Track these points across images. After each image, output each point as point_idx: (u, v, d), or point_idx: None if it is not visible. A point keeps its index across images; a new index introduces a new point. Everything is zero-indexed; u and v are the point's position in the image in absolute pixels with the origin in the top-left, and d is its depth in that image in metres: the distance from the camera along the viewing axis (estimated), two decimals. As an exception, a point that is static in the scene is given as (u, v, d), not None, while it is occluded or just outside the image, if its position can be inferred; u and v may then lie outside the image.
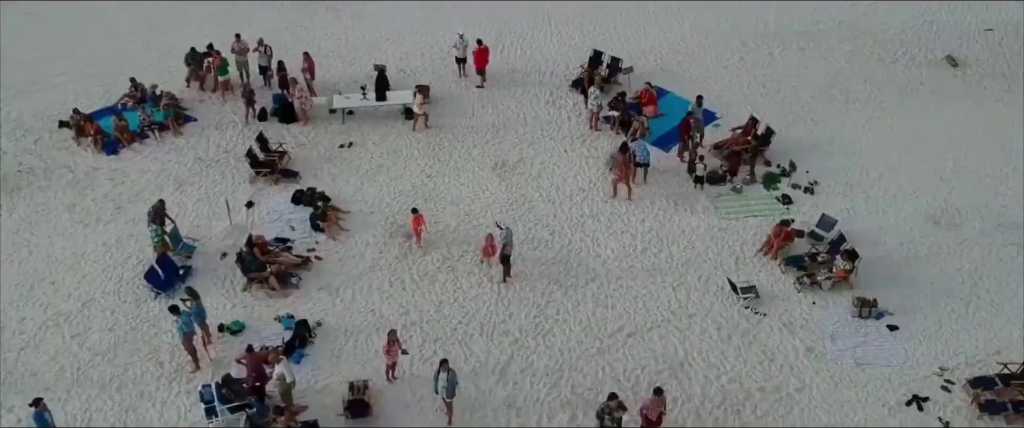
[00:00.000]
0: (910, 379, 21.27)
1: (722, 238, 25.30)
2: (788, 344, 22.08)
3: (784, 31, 34.77)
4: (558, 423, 20.19)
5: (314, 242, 25.05)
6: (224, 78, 30.67)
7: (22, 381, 21.23)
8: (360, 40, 34.39)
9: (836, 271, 23.57)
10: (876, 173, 27.81)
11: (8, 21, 35.64)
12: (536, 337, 22.30)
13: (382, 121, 29.86)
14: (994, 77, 32.46)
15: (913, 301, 23.28)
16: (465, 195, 26.85)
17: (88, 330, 22.51)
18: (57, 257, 24.76)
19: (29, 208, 26.51)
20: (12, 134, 29.50)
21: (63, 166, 28.11)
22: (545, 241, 25.16)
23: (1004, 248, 24.97)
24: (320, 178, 27.37)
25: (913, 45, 34.11)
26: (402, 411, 20.34)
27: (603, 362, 21.62)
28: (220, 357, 21.58)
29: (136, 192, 26.86)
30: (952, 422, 20.23)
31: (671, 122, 29.15)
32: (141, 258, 24.41)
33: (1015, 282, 23.86)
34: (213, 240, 25.10)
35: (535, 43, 34.12)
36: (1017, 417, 20.11)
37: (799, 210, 26.17)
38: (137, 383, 21.11)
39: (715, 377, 21.26)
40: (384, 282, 23.87)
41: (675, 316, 22.89)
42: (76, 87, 31.62)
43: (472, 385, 20.93)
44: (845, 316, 22.81)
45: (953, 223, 25.89)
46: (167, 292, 23.26)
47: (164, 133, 29.13)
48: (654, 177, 27.25)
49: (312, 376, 21.13)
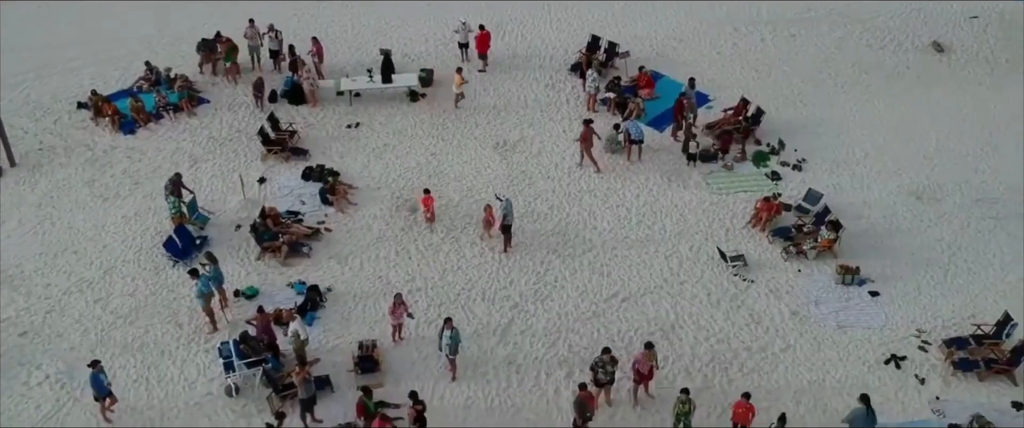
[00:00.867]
0: (889, 340, 22.46)
1: (713, 211, 26.49)
2: (774, 308, 23.28)
3: (776, 18, 35.94)
4: (555, 379, 21.37)
5: (324, 215, 26.25)
6: (229, 64, 31.82)
7: (49, 341, 22.44)
8: (366, 25, 35.57)
9: (821, 241, 24.76)
10: (862, 152, 28.99)
11: (24, 8, 36.83)
12: (535, 302, 23.50)
13: (388, 102, 31.07)
14: (977, 62, 33.63)
15: (894, 269, 24.48)
16: (468, 172, 28.03)
17: (110, 295, 23.71)
18: (79, 229, 25.96)
19: (50, 183, 27.70)
20: (32, 115, 30.67)
21: (82, 145, 29.29)
22: (544, 214, 26.35)
23: (982, 221, 26.16)
24: (329, 156, 28.56)
25: (901, 32, 35.27)
26: (408, 368, 21.53)
27: (598, 325, 22.82)
28: (236, 319, 22.77)
29: (153, 169, 28.04)
30: (927, 379, 21.40)
31: (666, 104, 30.33)
32: (159, 229, 25.61)
33: (991, 251, 25.07)
34: (227, 213, 26.30)
35: (535, 29, 35.30)
36: (987, 373, 21.30)
37: (787, 186, 27.35)
38: (158, 343, 22.31)
39: (704, 338, 22.46)
40: (391, 252, 25.06)
41: (667, 283, 24.09)
42: (92, 70, 32.81)
43: (475, 345, 22.13)
44: (829, 283, 24.01)
45: (934, 198, 27.08)
46: (184, 260, 24.45)
47: (178, 114, 30.31)
48: (649, 155, 28.44)
49: (323, 337, 22.32)
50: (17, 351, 22.12)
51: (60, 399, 20.98)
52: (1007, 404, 20.79)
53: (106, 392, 20.03)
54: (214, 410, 20.67)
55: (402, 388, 20.62)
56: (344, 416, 20.17)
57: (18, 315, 23.15)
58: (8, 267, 24.59)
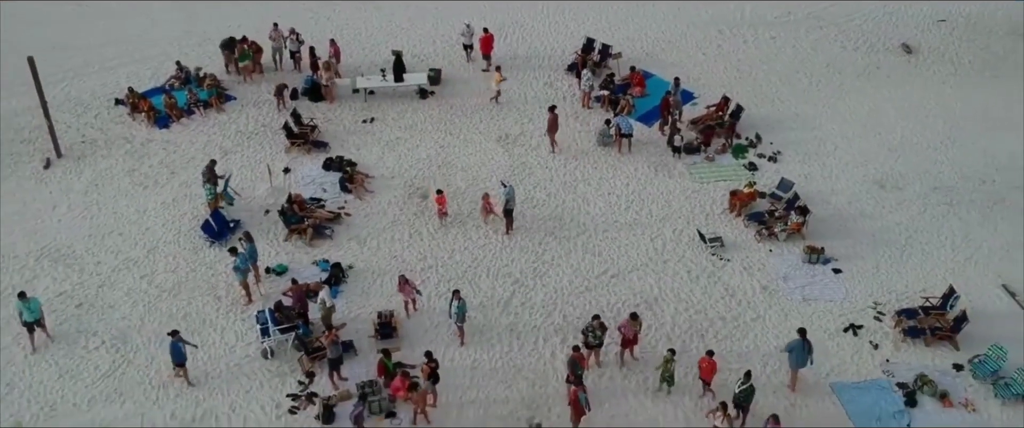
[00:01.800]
0: (848, 311, 25.29)
1: (695, 199, 29.32)
2: (747, 284, 26.11)
3: (758, 21, 38.78)
4: (552, 345, 24.21)
5: (343, 201, 29.06)
6: (244, 64, 34.60)
7: (102, 312, 25.27)
8: (378, 28, 38.41)
9: (790, 224, 27.58)
10: (832, 144, 31.82)
11: (63, 12, 39.64)
12: (534, 278, 26.33)
13: (400, 99, 33.90)
14: (943, 62, 36.48)
15: (856, 250, 27.31)
16: (473, 163, 30.84)
17: (154, 272, 26.54)
18: (122, 213, 28.77)
19: (94, 173, 30.51)
20: (74, 110, 33.49)
21: (121, 138, 32.11)
22: (542, 201, 29.17)
23: (937, 207, 29.00)
24: (346, 148, 31.37)
25: (873, 34, 38.12)
26: (422, 334, 24.35)
27: (590, 298, 25.65)
28: (268, 292, 25.60)
29: (187, 159, 30.86)
30: (880, 345, 24.24)
31: (654, 101, 33.14)
32: (195, 214, 28.42)
33: (943, 234, 27.91)
34: (256, 199, 29.12)
35: (534, 31, 38.13)
36: (933, 340, 24.13)
37: (763, 175, 30.16)
38: (199, 314, 25.14)
39: (684, 309, 25.30)
40: (404, 234, 27.89)
41: (652, 261, 26.92)
42: (127, 69, 35.64)
43: (480, 315, 24.96)
44: (797, 262, 26.83)
45: (896, 186, 29.91)
46: (220, 242, 27.28)
47: (208, 110, 33.13)
48: (637, 147, 31.26)
49: (346, 308, 25.14)
50: (75, 320, 24.96)
51: (115, 361, 23.81)
52: (949, 366, 23.60)
53: (183, 359, 22.74)
54: (252, 370, 23.51)
55: (417, 352, 23.44)
56: (366, 375, 23.00)
57: (73, 289, 25.98)
58: (61, 247, 27.41)
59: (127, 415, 22.39)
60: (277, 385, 23.08)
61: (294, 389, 22.95)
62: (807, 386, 23.04)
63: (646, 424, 22.04)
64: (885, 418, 22.41)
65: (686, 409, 22.54)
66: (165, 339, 23.59)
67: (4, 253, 27.00)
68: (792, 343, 22.59)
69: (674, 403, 22.66)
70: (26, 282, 25.99)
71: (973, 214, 28.69)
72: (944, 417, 22.43)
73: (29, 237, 27.67)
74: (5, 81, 34.62)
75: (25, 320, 23.64)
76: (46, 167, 30.70)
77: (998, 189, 29.72)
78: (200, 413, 22.40)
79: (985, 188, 29.77)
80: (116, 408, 22.55)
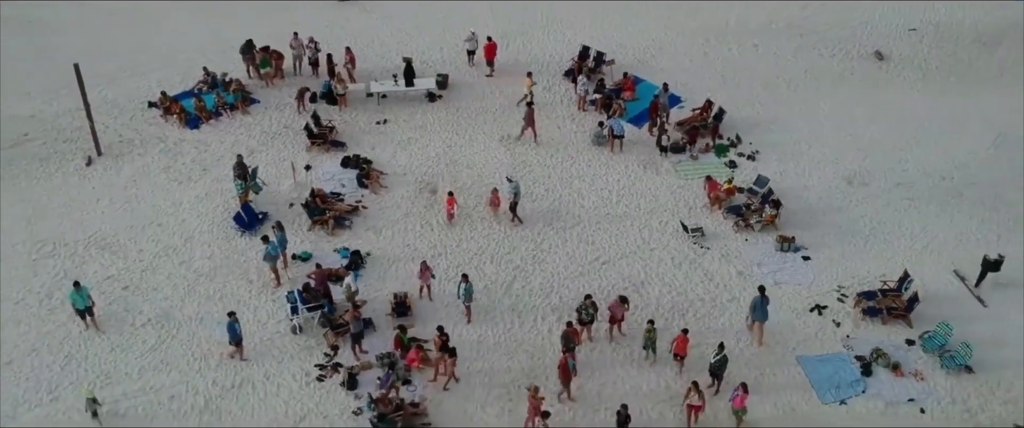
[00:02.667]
0: (815, 294, 28.24)
1: (680, 193, 32.26)
2: (724, 269, 29.07)
3: (742, 30, 41.71)
4: (549, 323, 27.17)
5: (360, 195, 32.00)
6: (266, 70, 37.56)
7: (146, 293, 28.23)
8: (389, 36, 41.36)
9: (765, 217, 30.54)
10: (806, 145, 34.75)
11: (96, 20, 42.61)
12: (533, 264, 29.29)
13: (410, 102, 36.87)
14: (912, 69, 39.40)
15: (824, 239, 30.24)
16: (478, 160, 33.79)
17: (192, 258, 29.49)
18: (160, 206, 31.72)
19: (132, 170, 33.45)
20: (110, 112, 36.40)
21: (155, 138, 35.05)
22: (541, 195, 32.11)
23: (899, 201, 31.94)
24: (362, 147, 34.31)
25: (849, 42, 41.05)
26: (433, 313, 27.31)
27: (583, 282, 28.60)
28: (294, 276, 28.56)
29: (217, 157, 33.80)
30: (842, 323, 27.19)
31: (644, 104, 36.09)
32: (226, 207, 31.36)
33: (903, 225, 30.85)
34: (281, 193, 32.07)
35: (534, 40, 41.08)
36: (889, 318, 27.09)
37: (742, 173, 33.10)
38: (234, 295, 28.10)
39: (667, 291, 28.28)
40: (416, 225, 30.85)
41: (640, 249, 29.88)
42: (158, 75, 38.55)
43: (485, 296, 27.92)
44: (770, 250, 29.78)
45: (863, 182, 32.84)
46: (250, 232, 30.24)
47: (235, 112, 36.08)
48: (628, 147, 34.19)
49: (365, 290, 28.06)
50: (122, 301, 27.93)
51: (161, 336, 26.79)
52: (902, 341, 26.57)
53: (238, 338, 25.63)
54: (282, 344, 26.49)
55: (429, 328, 26.40)
56: (384, 348, 25.98)
57: (119, 273, 28.95)
58: (106, 236, 30.37)
59: (173, 382, 25.40)
60: (306, 357, 26.09)
61: (321, 360, 25.96)
62: (775, 358, 26.03)
63: (630, 389, 24.98)
64: (844, 386, 25.38)
65: (666, 378, 25.54)
66: (205, 317, 26.61)
67: (57, 240, 29.95)
68: (754, 300, 26.02)
69: (656, 373, 25.68)
70: (77, 267, 28.98)
71: (931, 207, 31.64)
72: (896, 385, 25.41)
73: (77, 227, 30.65)
74: (46, 86, 37.54)
75: (77, 307, 26.52)
76: (88, 164, 33.65)
77: (956, 185, 32.67)
78: (239, 381, 25.42)
79: (944, 184, 32.71)
80: (164, 376, 25.55)
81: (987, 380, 25.44)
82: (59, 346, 26.40)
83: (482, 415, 24.54)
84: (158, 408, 24.73)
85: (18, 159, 33.77)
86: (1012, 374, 25.54)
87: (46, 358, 26.07)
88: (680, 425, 24.36)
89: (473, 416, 24.55)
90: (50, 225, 30.76)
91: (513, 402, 24.77)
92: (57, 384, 25.31)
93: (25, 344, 26.48)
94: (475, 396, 25.00)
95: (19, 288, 28.31)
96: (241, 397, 25.01)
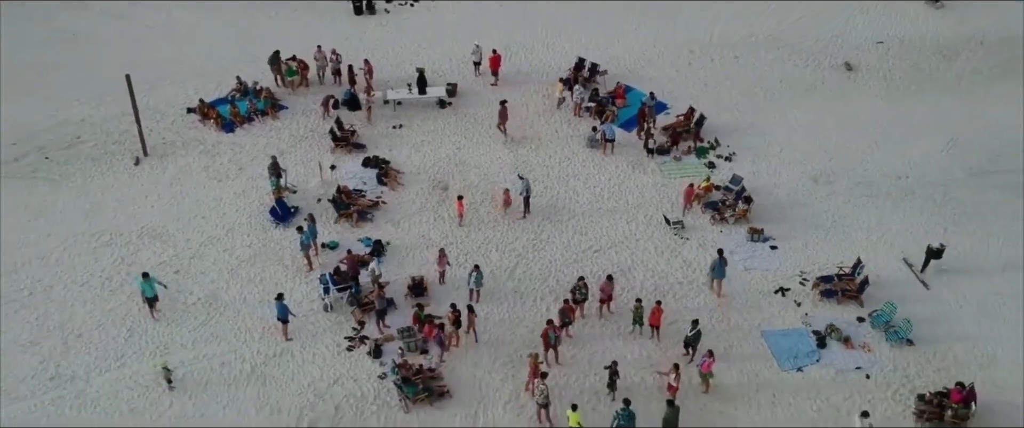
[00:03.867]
0: (780, 278, 32.24)
1: (664, 191, 36.28)
2: (701, 257, 33.07)
3: (724, 42, 45.73)
4: (547, 303, 31.20)
5: (380, 192, 36.02)
6: (292, 78, 41.60)
7: (195, 277, 32.26)
8: (403, 48, 45.38)
9: (738, 211, 34.55)
10: (778, 147, 38.76)
11: (135, 34, 46.66)
12: (533, 252, 33.32)
13: (423, 109, 40.91)
14: (878, 79, 43.42)
15: (790, 231, 34.25)
16: (484, 161, 37.81)
17: (233, 247, 33.51)
18: (202, 201, 35.74)
19: (176, 169, 37.47)
20: (152, 117, 40.37)
21: (194, 140, 39.09)
22: (540, 192, 36.07)
23: (859, 198, 35.95)
24: (380, 149, 38.31)
25: (821, 53, 45.07)
26: (446, 294, 31.35)
27: (577, 267, 32.59)
28: (323, 262, 32.59)
29: (251, 158, 37.83)
30: (802, 303, 31.21)
31: (634, 111, 40.11)
32: (262, 202, 35.38)
33: (862, 219, 34.84)
34: (310, 190, 36.10)
35: (534, 51, 45.10)
36: (843, 299, 31.09)
37: (719, 172, 37.13)
38: (272, 278, 32.13)
39: (650, 276, 32.30)
40: (430, 218, 34.87)
41: (627, 240, 33.91)
42: (194, 83, 42.56)
43: (491, 280, 31.91)
44: (742, 240, 33.78)
45: (827, 181, 36.85)
46: (284, 224, 34.27)
47: (265, 118, 40.11)
48: (618, 149, 38.23)
49: (386, 274, 32.07)
50: (175, 283, 31.97)
51: (209, 313, 30.81)
52: (853, 318, 30.56)
53: (286, 318, 29.52)
54: (315, 320, 30.51)
55: (442, 307, 30.42)
56: (404, 323, 30.00)
57: (170, 260, 32.97)
58: (156, 227, 34.40)
59: (223, 351, 29.45)
60: (336, 330, 30.13)
61: (349, 333, 29.99)
62: (742, 333, 30.03)
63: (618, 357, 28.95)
64: (801, 356, 29.39)
65: (648, 349, 29.58)
66: (247, 297, 30.68)
67: (113, 231, 34.01)
68: (713, 262, 30.50)
69: (640, 345, 29.70)
70: (132, 254, 33.02)
71: (887, 204, 35.66)
72: (846, 355, 29.41)
73: (130, 220, 34.69)
74: (93, 94, 41.57)
75: (146, 296, 30.42)
76: (136, 164, 37.69)
77: (910, 184, 36.68)
78: (279, 350, 29.46)
79: (900, 183, 36.73)
80: (214, 346, 29.60)
81: (925, 351, 29.43)
82: (122, 321, 30.43)
83: (490, 378, 28.56)
84: (211, 373, 28.75)
85: (74, 159, 37.83)
86: (946, 347, 29.55)
87: (111, 331, 30.09)
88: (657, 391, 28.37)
89: (482, 380, 28.57)
90: (106, 218, 34.80)
91: (515, 367, 28.79)
92: (123, 353, 29.33)
93: (92, 320, 30.51)
94: (483, 363, 29.03)
95: (83, 272, 32.34)
96: (282, 364, 29.05)
